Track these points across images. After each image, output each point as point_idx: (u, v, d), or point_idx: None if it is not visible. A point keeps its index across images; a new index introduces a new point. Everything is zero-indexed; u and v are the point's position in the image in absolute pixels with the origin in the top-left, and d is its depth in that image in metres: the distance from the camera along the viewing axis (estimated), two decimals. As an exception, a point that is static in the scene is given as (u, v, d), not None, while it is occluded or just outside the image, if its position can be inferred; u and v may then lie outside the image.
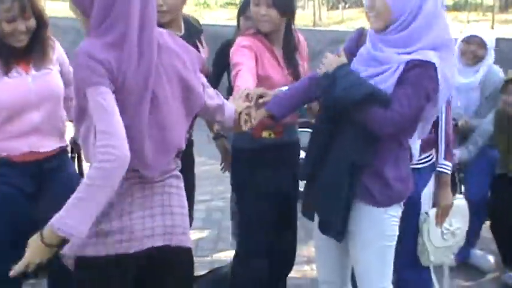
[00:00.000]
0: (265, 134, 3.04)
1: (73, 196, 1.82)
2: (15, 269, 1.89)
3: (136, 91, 1.91)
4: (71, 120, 2.95)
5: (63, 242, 1.88)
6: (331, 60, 2.47)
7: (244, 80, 2.74)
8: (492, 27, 9.06)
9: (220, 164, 3.95)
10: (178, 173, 2.18)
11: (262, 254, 3.16)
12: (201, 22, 3.49)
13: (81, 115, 1.97)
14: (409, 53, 2.34)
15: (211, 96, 2.31)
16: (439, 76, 2.32)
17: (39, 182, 2.90)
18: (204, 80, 2.24)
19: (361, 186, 2.45)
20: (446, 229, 2.99)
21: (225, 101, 2.43)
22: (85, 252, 1.96)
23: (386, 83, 2.34)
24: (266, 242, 3.16)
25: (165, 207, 2.09)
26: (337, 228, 2.50)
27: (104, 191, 1.83)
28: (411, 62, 2.31)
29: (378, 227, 2.51)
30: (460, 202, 3.11)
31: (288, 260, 3.45)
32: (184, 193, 2.20)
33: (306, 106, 3.01)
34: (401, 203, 2.57)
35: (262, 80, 2.87)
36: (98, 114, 1.84)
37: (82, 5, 1.95)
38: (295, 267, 3.58)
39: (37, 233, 1.86)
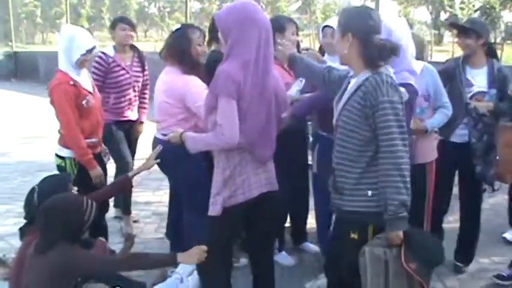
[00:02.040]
0: None
1: (200, 136, 3.29)
2: None
3: (255, 100, 3.13)
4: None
5: None
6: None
7: None
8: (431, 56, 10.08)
9: None
10: None
11: None
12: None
13: (210, 109, 3.17)
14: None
15: None
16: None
17: None
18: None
19: None
20: None
21: None
22: (228, 204, 3.24)
23: None
24: None
25: (266, 167, 3.39)
26: None
27: (206, 147, 3.32)
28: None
29: None
30: None
31: None
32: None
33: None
34: None
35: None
36: (221, 113, 3.05)
37: (223, 38, 3.19)
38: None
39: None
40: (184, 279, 3.96)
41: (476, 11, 46.85)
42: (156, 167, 4.10)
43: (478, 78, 4.22)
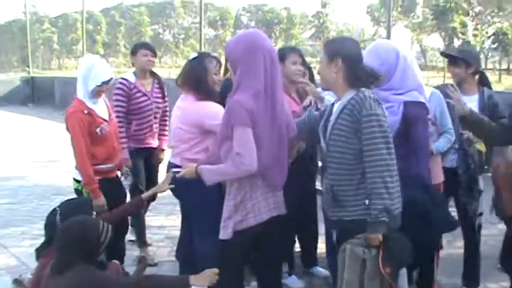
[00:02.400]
0: None
1: (217, 168, 3.37)
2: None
3: (268, 127, 3.25)
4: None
5: None
6: None
7: None
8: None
9: None
10: None
11: None
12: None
13: (224, 139, 3.30)
14: (400, 94, 3.59)
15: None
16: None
17: None
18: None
19: None
20: None
21: None
22: (239, 227, 3.38)
23: (396, 115, 3.51)
24: None
25: (272, 193, 3.49)
26: None
27: (224, 177, 3.41)
28: (407, 102, 3.55)
29: None
30: None
31: None
32: None
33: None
34: None
35: None
36: (238, 143, 3.17)
37: (232, 67, 3.36)
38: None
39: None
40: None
41: (489, 37, 47.05)
42: (169, 191, 4.21)
43: (469, 105, 4.32)
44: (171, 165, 4.20)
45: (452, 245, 4.85)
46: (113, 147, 4.57)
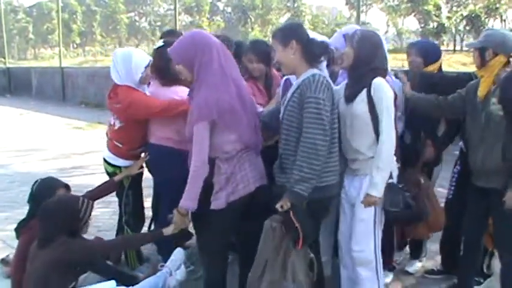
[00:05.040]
0: None
1: (187, 188, 3.54)
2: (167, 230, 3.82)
3: (234, 112, 3.50)
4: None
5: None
6: None
7: None
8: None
9: None
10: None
11: None
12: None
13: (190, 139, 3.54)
14: None
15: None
16: None
17: None
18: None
19: None
20: None
21: None
22: (232, 198, 3.61)
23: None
24: None
25: (258, 164, 3.78)
26: None
27: (196, 185, 3.52)
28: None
29: None
30: None
31: None
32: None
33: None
34: None
35: None
36: (195, 139, 3.48)
37: (186, 69, 3.59)
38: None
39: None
40: (172, 273, 4.33)
41: (462, 19, 47.55)
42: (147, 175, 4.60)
43: None
44: (148, 145, 4.60)
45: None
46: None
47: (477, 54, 3.90)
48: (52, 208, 3.70)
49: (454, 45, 53.66)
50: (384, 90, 3.54)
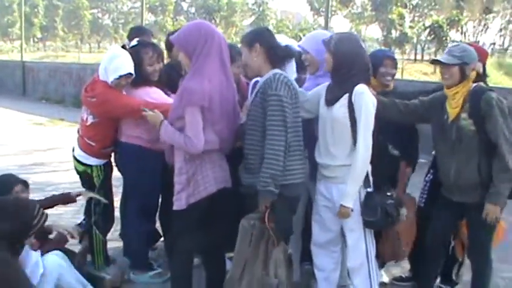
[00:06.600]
0: None
1: (173, 132, 3.61)
2: None
3: (221, 108, 3.51)
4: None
5: None
6: None
7: None
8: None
9: None
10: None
11: None
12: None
13: (177, 119, 3.59)
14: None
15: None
16: None
17: None
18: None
19: None
20: None
21: None
22: (193, 199, 3.65)
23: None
24: None
25: (222, 166, 3.78)
26: None
27: (173, 143, 3.66)
28: None
29: None
30: None
31: None
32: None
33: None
34: None
35: None
36: (188, 125, 3.47)
37: (186, 56, 3.62)
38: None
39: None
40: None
41: (425, 29, 48.22)
42: (116, 173, 4.52)
43: None
44: (118, 143, 4.57)
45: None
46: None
47: (457, 70, 3.83)
48: (5, 206, 3.46)
49: (415, 55, 54.51)
50: (365, 99, 3.56)
